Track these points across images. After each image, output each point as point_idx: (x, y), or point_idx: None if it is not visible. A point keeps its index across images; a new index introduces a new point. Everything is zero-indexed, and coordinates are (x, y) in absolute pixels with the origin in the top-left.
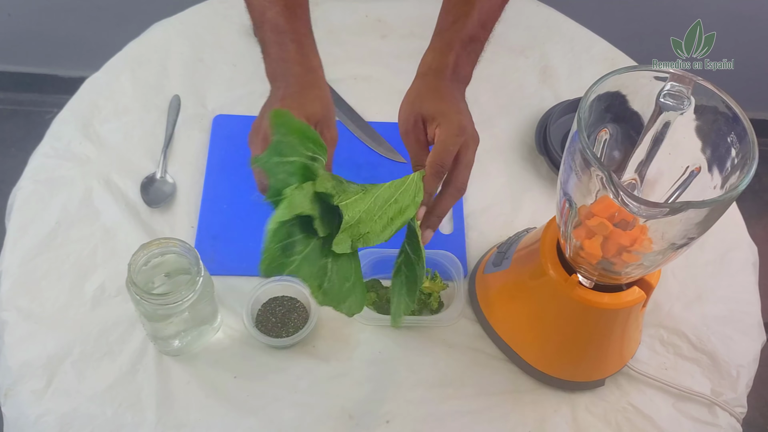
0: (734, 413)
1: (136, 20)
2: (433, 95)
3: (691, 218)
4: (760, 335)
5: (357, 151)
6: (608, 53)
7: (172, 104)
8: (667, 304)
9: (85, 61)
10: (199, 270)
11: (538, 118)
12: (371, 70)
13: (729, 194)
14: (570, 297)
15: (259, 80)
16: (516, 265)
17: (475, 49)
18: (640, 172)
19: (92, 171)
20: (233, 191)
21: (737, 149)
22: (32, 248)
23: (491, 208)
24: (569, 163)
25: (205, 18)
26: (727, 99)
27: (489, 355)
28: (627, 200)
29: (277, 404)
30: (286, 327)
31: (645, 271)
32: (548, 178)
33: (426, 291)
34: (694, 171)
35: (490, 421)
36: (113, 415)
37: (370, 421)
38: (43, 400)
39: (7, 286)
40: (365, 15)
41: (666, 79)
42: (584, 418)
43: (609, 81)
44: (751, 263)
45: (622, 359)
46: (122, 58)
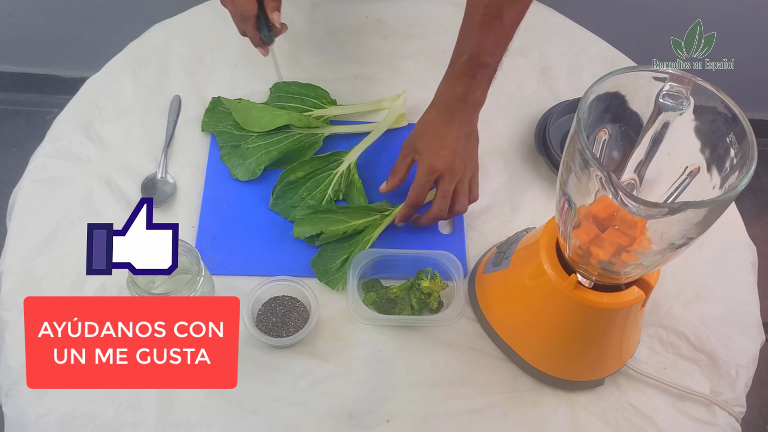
0: (733, 413)
1: (137, 21)
2: (428, 133)
3: (690, 218)
4: (759, 335)
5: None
6: (607, 54)
7: (172, 104)
8: (666, 304)
9: (85, 61)
10: (200, 269)
11: (537, 119)
12: (371, 70)
13: (728, 194)
14: (569, 297)
15: (259, 80)
16: (515, 264)
17: (485, 74)
18: (639, 172)
19: (93, 171)
20: (234, 191)
21: (736, 149)
22: (33, 248)
23: (491, 208)
24: (568, 163)
25: (206, 18)
26: (726, 99)
27: (488, 354)
28: (626, 200)
29: (278, 404)
30: (286, 327)
31: (644, 271)
32: (548, 179)
33: (426, 291)
34: (693, 171)
35: (490, 421)
36: (114, 414)
37: (370, 421)
38: (44, 400)
39: (8, 285)
40: (365, 15)
41: (665, 79)
42: (583, 417)
43: (608, 81)
44: (750, 263)
45: (621, 359)
46: (123, 59)
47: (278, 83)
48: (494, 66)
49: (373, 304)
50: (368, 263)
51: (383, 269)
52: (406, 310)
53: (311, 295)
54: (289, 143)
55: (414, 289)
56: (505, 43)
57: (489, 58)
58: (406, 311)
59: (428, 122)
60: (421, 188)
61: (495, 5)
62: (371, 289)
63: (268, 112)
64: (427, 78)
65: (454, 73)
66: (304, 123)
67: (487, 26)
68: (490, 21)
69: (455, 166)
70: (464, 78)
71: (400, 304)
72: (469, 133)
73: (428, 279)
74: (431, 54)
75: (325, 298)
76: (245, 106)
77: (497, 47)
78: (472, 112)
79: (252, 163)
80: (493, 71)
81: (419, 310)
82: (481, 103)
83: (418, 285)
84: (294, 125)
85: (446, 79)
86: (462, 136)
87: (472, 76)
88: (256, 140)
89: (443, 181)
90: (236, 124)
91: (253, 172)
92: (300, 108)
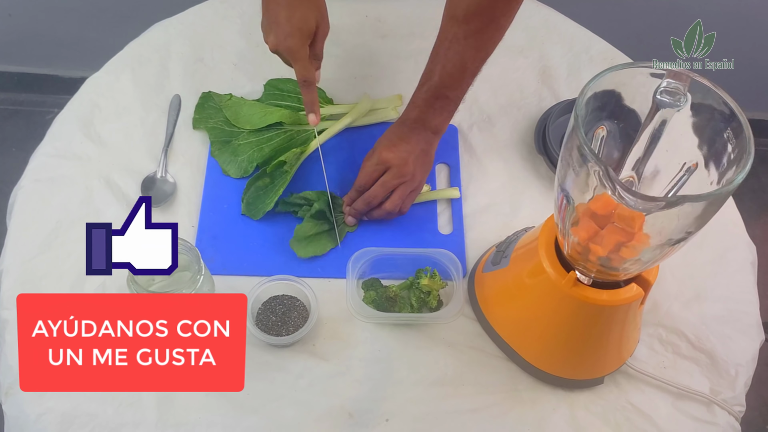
0: (733, 412)
1: (137, 20)
2: (384, 138)
3: (688, 212)
4: (759, 334)
5: (358, 150)
6: (607, 53)
7: (172, 104)
8: (665, 304)
9: (85, 61)
10: (200, 268)
11: (537, 118)
12: (371, 70)
13: (725, 188)
14: (568, 294)
15: (259, 80)
16: (515, 263)
17: (443, 105)
18: (638, 169)
19: (93, 170)
20: (234, 191)
21: (733, 145)
22: (33, 247)
23: (490, 207)
24: (567, 159)
25: (206, 18)
26: (723, 95)
27: (488, 353)
28: (624, 195)
29: (277, 403)
30: (286, 325)
31: (643, 267)
32: (547, 178)
33: (425, 289)
34: (691, 167)
35: (490, 420)
36: (113, 413)
37: (370, 420)
38: (44, 399)
39: (8, 284)
40: (365, 15)
41: (662, 76)
42: (583, 416)
43: (606, 78)
44: (749, 263)
45: (621, 357)
46: (123, 58)
47: (272, 80)
48: (453, 99)
49: (372, 302)
50: (367, 262)
51: (382, 268)
52: (406, 308)
53: (311, 294)
54: (280, 140)
55: (413, 287)
56: (458, 79)
57: (449, 91)
58: (406, 310)
59: (386, 133)
60: (367, 174)
61: (459, 54)
62: (371, 288)
63: (259, 110)
64: None
65: (414, 99)
66: (295, 120)
67: (450, 62)
68: (453, 59)
69: (406, 165)
70: (422, 106)
71: (399, 303)
72: (425, 150)
73: (428, 278)
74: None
75: (324, 298)
76: (236, 102)
77: (458, 83)
78: (429, 136)
79: (244, 160)
80: (453, 103)
81: (419, 308)
82: (439, 131)
83: (418, 284)
84: (285, 122)
85: (410, 102)
86: (418, 150)
87: (429, 105)
88: (248, 137)
89: (388, 173)
90: (227, 120)
91: (245, 170)
92: (296, 107)
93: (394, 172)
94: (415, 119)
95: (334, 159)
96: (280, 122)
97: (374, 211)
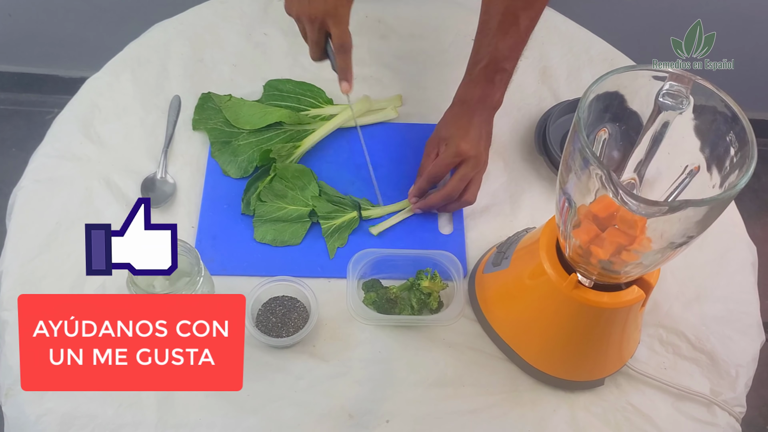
0: (733, 413)
1: (137, 20)
2: (451, 123)
3: (690, 217)
4: (759, 335)
5: (357, 152)
6: (607, 54)
7: (172, 104)
8: (666, 304)
9: (85, 61)
10: (200, 270)
11: (537, 119)
12: (371, 70)
13: (728, 192)
14: (569, 296)
15: (259, 81)
16: (515, 264)
17: (502, 78)
18: (639, 171)
19: (93, 171)
20: (234, 191)
21: (736, 148)
22: (33, 248)
23: (491, 208)
24: (568, 162)
25: (205, 18)
26: (726, 98)
27: (488, 354)
28: (626, 199)
29: (278, 404)
30: (286, 327)
31: (644, 270)
32: (548, 179)
33: (426, 291)
34: (693, 170)
35: (490, 421)
36: (113, 414)
37: (370, 421)
38: (44, 400)
39: (8, 285)
40: (365, 15)
41: (665, 78)
42: (583, 417)
43: (608, 81)
44: (750, 263)
45: (622, 359)
46: (123, 59)
47: (271, 81)
48: (510, 71)
49: (372, 304)
50: (368, 263)
51: (383, 269)
52: (406, 310)
53: (311, 295)
54: (280, 141)
55: (414, 289)
56: (520, 48)
57: (506, 63)
58: (406, 311)
59: (450, 117)
60: (444, 166)
61: (510, 12)
62: (371, 289)
63: (258, 110)
64: (427, 78)
65: (473, 78)
66: (295, 120)
67: (504, 33)
68: (506, 28)
69: (481, 155)
70: (483, 82)
71: (400, 304)
72: (489, 132)
73: (428, 279)
74: (431, 54)
75: (325, 299)
76: (235, 103)
77: (513, 52)
78: (489, 113)
79: (244, 160)
80: (509, 75)
81: (419, 310)
82: (498, 105)
83: (418, 285)
84: (285, 123)
85: (465, 83)
86: (485, 133)
87: (490, 81)
88: (248, 137)
89: (465, 165)
90: (227, 121)
91: (245, 170)
92: (296, 107)
93: (472, 164)
94: (479, 98)
95: (335, 159)
96: (280, 122)
97: (450, 204)
